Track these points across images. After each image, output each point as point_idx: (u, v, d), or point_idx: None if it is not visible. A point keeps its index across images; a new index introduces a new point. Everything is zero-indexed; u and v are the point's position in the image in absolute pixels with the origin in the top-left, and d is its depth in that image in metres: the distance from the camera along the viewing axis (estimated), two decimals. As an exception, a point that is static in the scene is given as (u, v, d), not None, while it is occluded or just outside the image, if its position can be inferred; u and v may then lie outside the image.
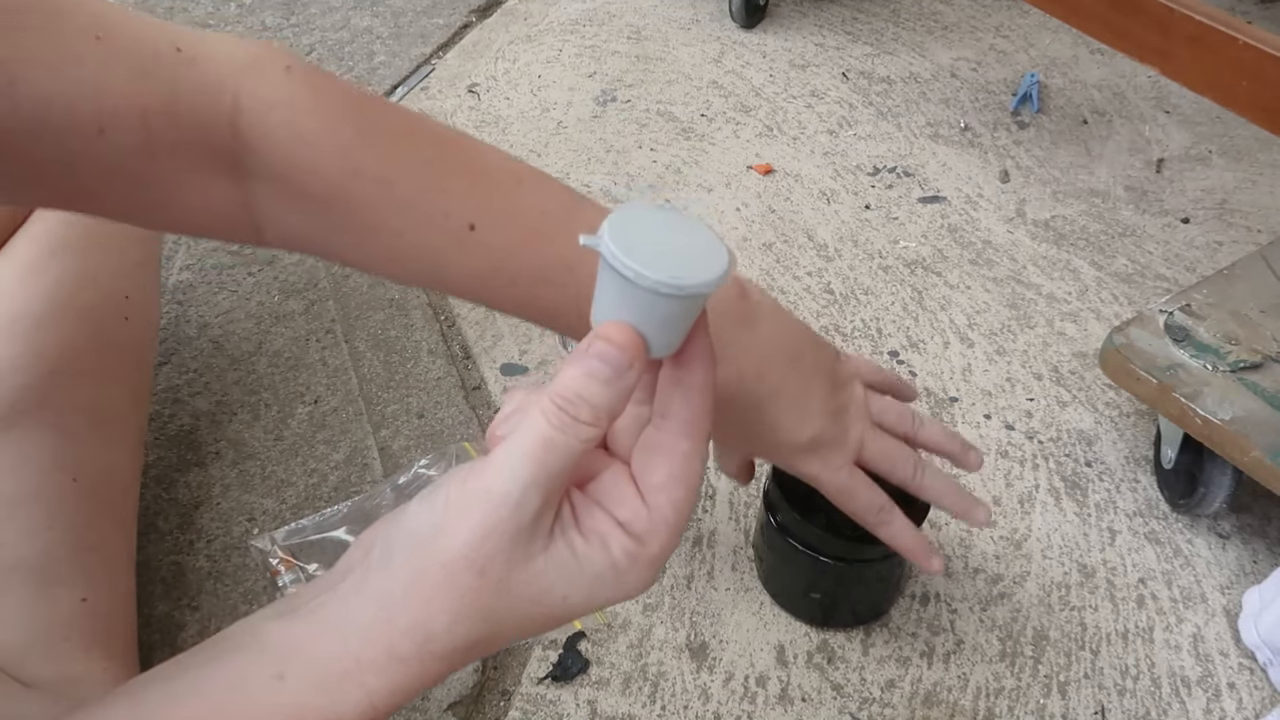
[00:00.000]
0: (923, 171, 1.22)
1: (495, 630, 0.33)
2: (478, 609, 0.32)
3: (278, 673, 0.32)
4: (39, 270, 0.65)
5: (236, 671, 0.32)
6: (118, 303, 0.69)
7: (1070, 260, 1.09)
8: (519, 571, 0.32)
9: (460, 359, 0.97)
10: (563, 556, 0.33)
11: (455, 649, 0.33)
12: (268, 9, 1.52)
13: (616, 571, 0.34)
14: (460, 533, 0.32)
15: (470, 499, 0.32)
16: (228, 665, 0.32)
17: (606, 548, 0.33)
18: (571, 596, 0.34)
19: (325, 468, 0.84)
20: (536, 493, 0.31)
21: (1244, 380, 0.75)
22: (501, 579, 0.32)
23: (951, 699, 0.71)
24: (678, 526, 0.34)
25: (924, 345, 0.98)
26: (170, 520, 0.81)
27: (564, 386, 0.32)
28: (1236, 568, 0.79)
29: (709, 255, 0.33)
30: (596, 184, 1.19)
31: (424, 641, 0.32)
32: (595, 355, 0.32)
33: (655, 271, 0.31)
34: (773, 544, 0.72)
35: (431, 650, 0.32)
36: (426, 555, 0.32)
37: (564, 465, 0.32)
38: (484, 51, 1.44)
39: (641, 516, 0.34)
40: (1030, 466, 0.87)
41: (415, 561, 0.32)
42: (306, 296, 1.02)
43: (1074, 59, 1.42)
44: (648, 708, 0.70)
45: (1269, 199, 1.17)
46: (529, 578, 0.33)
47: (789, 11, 1.54)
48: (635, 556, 0.34)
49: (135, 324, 0.71)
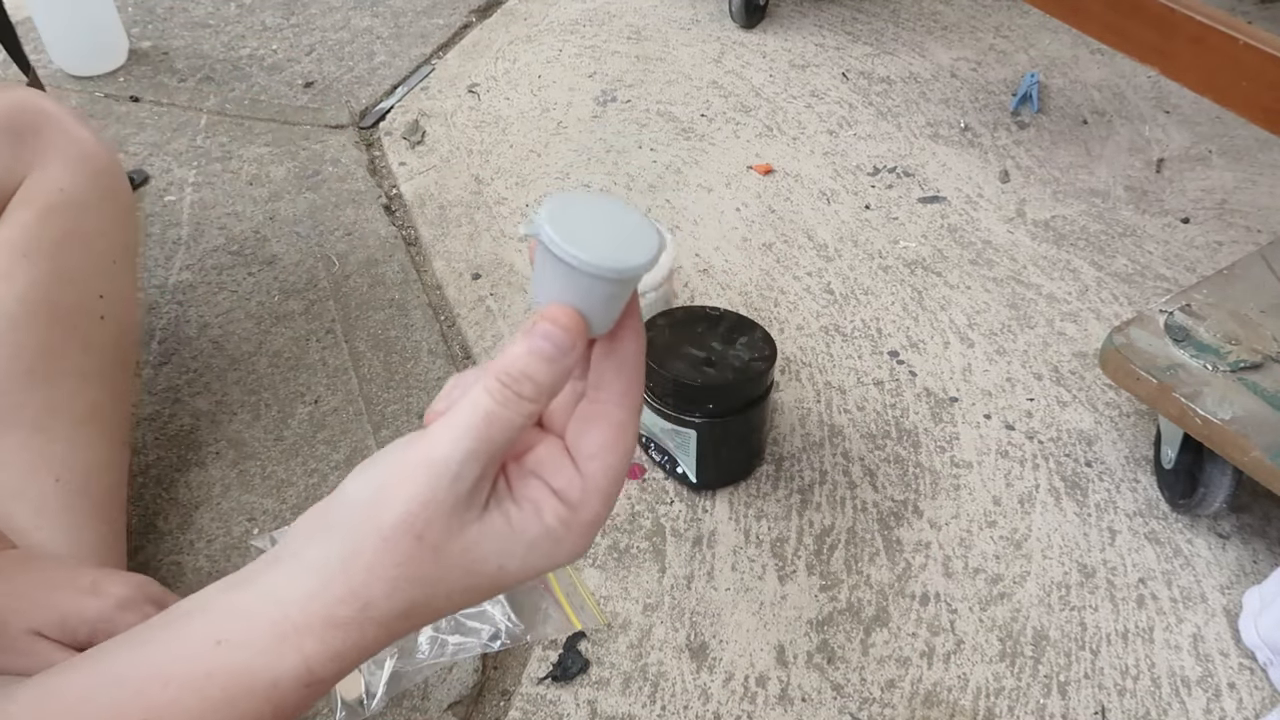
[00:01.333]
0: (923, 171, 1.22)
1: (432, 597, 0.34)
2: (415, 576, 0.33)
3: (218, 638, 0.33)
4: (10, 274, 0.65)
5: (180, 637, 0.33)
6: (92, 302, 0.70)
7: (1070, 260, 1.09)
8: (455, 539, 0.33)
9: (460, 359, 0.97)
10: (498, 525, 0.34)
11: (393, 615, 0.33)
12: (268, 9, 1.52)
13: (551, 538, 0.35)
14: (398, 501, 0.32)
15: (409, 469, 0.32)
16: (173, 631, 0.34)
17: (540, 515, 0.34)
18: (508, 564, 0.34)
19: (325, 468, 0.84)
20: (475, 464, 0.32)
21: (1244, 380, 0.75)
22: (439, 546, 0.33)
23: (951, 699, 0.71)
24: (610, 493, 0.36)
25: (924, 345, 0.98)
26: (170, 520, 0.81)
27: (509, 364, 0.33)
28: (1236, 568, 0.79)
29: (641, 235, 0.34)
30: (597, 184, 1.19)
31: (362, 608, 0.33)
32: (540, 335, 0.33)
33: (594, 256, 0.32)
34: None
35: (370, 616, 0.33)
36: (364, 524, 0.33)
37: (504, 439, 0.33)
38: (484, 51, 1.44)
39: (575, 484, 0.35)
40: (1030, 466, 0.87)
41: (353, 531, 0.33)
42: (306, 296, 1.02)
43: (1074, 59, 1.42)
44: (648, 708, 0.70)
45: (1269, 199, 1.17)
46: (465, 546, 0.33)
47: (789, 11, 1.54)
48: (569, 523, 0.35)
49: (111, 322, 0.71)
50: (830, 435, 0.89)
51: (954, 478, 0.86)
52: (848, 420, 0.91)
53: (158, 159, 1.19)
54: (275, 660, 0.32)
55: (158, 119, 1.26)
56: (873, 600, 0.77)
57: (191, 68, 1.37)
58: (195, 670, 0.33)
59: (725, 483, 0.84)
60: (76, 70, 1.34)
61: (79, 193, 0.70)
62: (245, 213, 1.13)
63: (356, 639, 0.33)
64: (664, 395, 0.79)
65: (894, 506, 0.83)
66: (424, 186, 1.18)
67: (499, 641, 0.70)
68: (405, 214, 1.15)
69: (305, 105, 1.31)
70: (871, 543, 0.81)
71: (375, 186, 1.17)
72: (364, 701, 0.67)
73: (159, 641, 0.34)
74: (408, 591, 0.33)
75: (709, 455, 0.81)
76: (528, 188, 1.18)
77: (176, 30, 1.46)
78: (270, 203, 1.14)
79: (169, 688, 0.32)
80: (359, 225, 1.11)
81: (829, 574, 0.78)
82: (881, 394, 0.93)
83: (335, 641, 0.33)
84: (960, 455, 0.88)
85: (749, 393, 0.79)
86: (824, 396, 0.93)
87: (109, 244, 0.72)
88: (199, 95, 1.31)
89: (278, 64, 1.40)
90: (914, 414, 0.91)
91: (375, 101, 1.33)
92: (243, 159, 1.20)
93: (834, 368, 0.96)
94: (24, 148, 0.69)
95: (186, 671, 0.33)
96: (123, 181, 0.76)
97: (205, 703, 0.32)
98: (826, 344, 0.98)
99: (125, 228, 0.75)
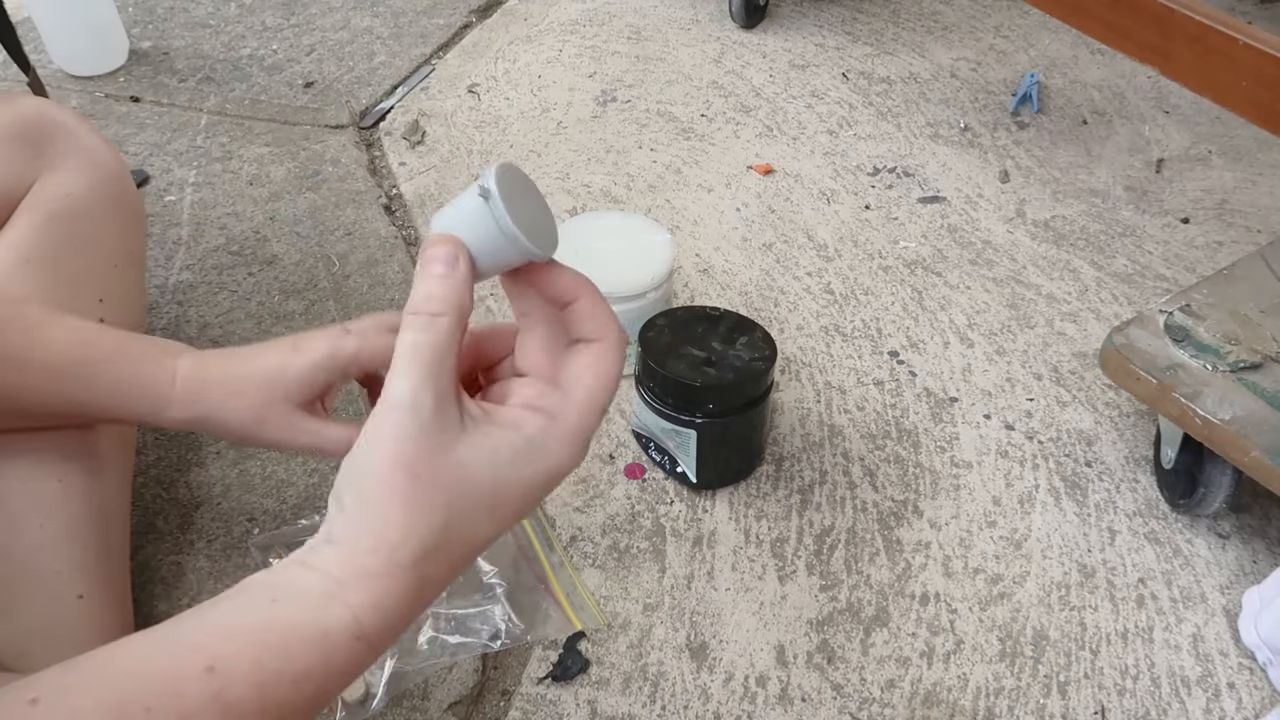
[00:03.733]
0: (923, 171, 1.22)
1: (449, 524, 0.37)
2: (422, 507, 0.36)
3: (273, 597, 0.36)
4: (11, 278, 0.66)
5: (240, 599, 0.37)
6: (91, 305, 0.70)
7: (1070, 260, 1.09)
8: (444, 464, 0.36)
9: (460, 359, 0.97)
10: (480, 442, 0.37)
11: (420, 554, 0.36)
12: (268, 9, 1.52)
13: (533, 446, 0.38)
14: (380, 448, 0.36)
15: (377, 417, 0.36)
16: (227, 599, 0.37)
17: (520, 428, 0.38)
18: (501, 477, 0.38)
19: (325, 468, 0.84)
20: (426, 390, 0.36)
21: (1244, 380, 0.75)
22: (432, 474, 0.36)
23: (951, 699, 0.71)
24: (590, 406, 0.40)
25: (924, 345, 0.98)
26: (170, 520, 0.81)
27: (414, 296, 0.38)
28: (1236, 568, 0.79)
29: (550, 228, 0.41)
30: (597, 184, 1.19)
31: (389, 553, 0.36)
32: (428, 260, 0.38)
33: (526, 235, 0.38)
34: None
35: (398, 562, 0.36)
36: (364, 481, 0.36)
37: (439, 359, 0.37)
38: (484, 51, 1.44)
39: (554, 399, 0.40)
40: (1030, 466, 0.87)
41: (358, 490, 0.36)
42: (306, 296, 1.02)
43: (1074, 59, 1.42)
44: (648, 708, 0.70)
45: (1269, 199, 1.17)
46: (455, 467, 0.37)
47: (789, 11, 1.54)
48: (549, 431, 0.39)
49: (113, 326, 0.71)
50: (830, 435, 0.89)
51: (954, 478, 0.86)
52: (848, 420, 0.91)
53: (158, 159, 1.19)
54: (323, 613, 0.35)
55: (158, 119, 1.26)
56: (873, 600, 0.77)
57: (192, 68, 1.37)
58: (254, 624, 0.35)
59: (725, 483, 0.84)
60: (76, 70, 1.34)
61: (84, 198, 0.72)
62: (245, 213, 1.13)
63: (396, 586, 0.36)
64: (664, 395, 0.79)
65: (894, 506, 0.83)
66: (424, 186, 1.18)
67: (499, 641, 0.70)
68: (405, 214, 1.15)
69: (305, 105, 1.31)
70: (871, 543, 0.81)
71: (375, 186, 1.17)
72: (365, 702, 0.67)
73: (220, 605, 0.36)
74: (422, 522, 0.36)
75: (709, 455, 0.81)
76: (528, 188, 1.18)
77: (176, 30, 1.46)
78: (270, 203, 1.14)
79: (229, 641, 0.35)
80: (359, 225, 1.11)
81: (829, 574, 0.78)
82: (881, 394, 0.93)
83: (375, 592, 0.36)
84: (960, 455, 0.88)
85: (749, 393, 0.79)
86: (824, 396, 0.93)
87: (111, 249, 0.73)
88: (199, 95, 1.31)
89: (278, 64, 1.40)
90: (914, 414, 0.91)
91: (375, 101, 1.33)
92: (243, 159, 1.20)
93: (834, 368, 0.96)
94: (37, 157, 0.70)
95: (246, 625, 0.35)
96: (130, 188, 0.77)
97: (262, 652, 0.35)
98: (826, 344, 0.98)
99: (131, 233, 0.77)
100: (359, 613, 0.36)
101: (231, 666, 0.34)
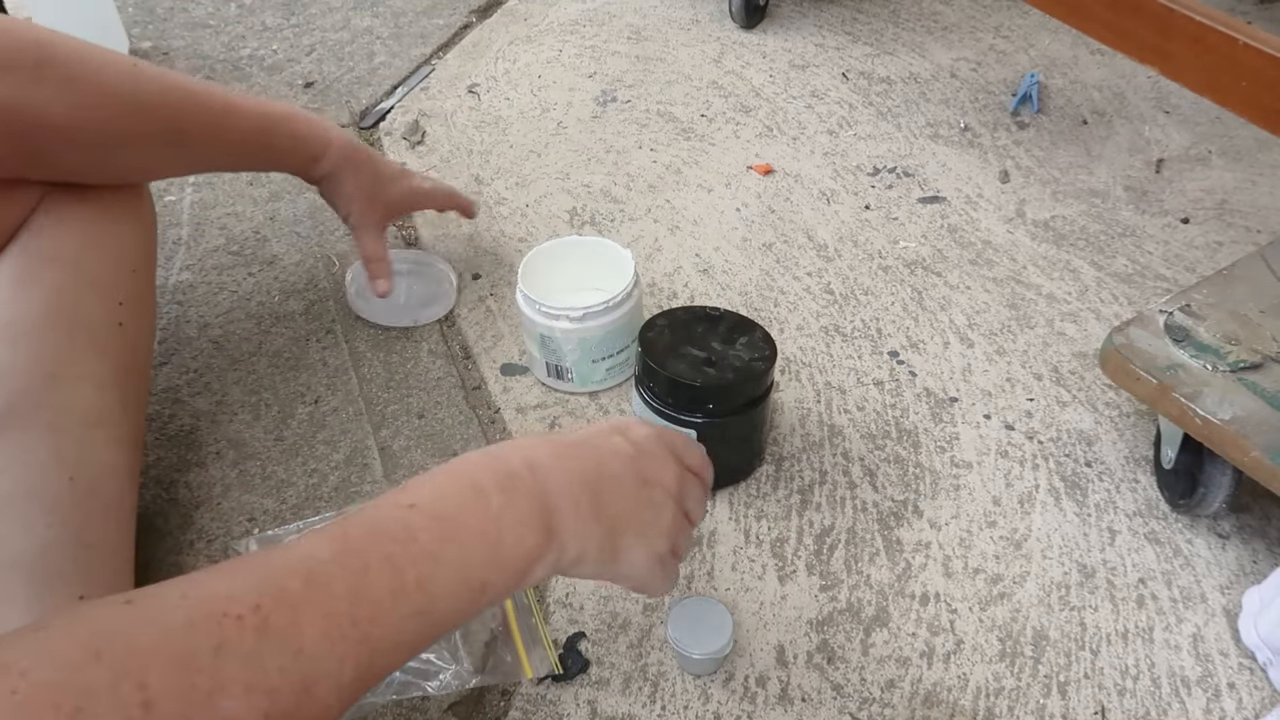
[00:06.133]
0: (923, 172, 1.22)
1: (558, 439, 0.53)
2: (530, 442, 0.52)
3: (410, 502, 0.46)
4: (34, 279, 0.67)
5: (381, 502, 0.46)
6: (111, 309, 0.71)
7: (1070, 260, 1.09)
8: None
9: (460, 359, 0.97)
10: None
11: (545, 460, 0.50)
12: (268, 9, 1.52)
13: None
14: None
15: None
16: (374, 501, 0.46)
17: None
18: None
19: (325, 468, 0.84)
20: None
21: (1244, 380, 0.75)
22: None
23: (951, 699, 0.71)
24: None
25: (924, 345, 0.98)
26: (170, 520, 0.81)
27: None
28: (1236, 568, 0.79)
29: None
30: (597, 184, 1.19)
31: (530, 468, 0.50)
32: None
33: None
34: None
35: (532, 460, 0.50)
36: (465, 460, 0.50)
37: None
38: (484, 52, 1.44)
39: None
40: (1030, 466, 0.87)
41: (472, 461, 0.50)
42: (306, 296, 1.02)
43: (1074, 59, 1.42)
44: (648, 708, 0.70)
45: (1269, 199, 1.17)
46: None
47: (789, 11, 1.54)
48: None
49: (130, 329, 0.73)
50: (830, 435, 0.89)
51: (954, 478, 0.86)
52: (848, 420, 0.91)
53: (158, 159, 1.19)
54: (461, 511, 0.46)
55: (158, 119, 1.26)
56: (873, 600, 0.77)
57: (192, 68, 1.37)
58: (394, 515, 0.45)
59: (725, 483, 0.84)
60: (76, 70, 1.34)
61: (103, 201, 0.73)
62: (245, 213, 1.13)
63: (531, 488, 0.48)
64: (664, 395, 0.79)
65: (894, 506, 0.83)
66: (424, 186, 1.18)
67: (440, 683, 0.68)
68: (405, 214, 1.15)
69: (305, 105, 1.31)
70: (871, 543, 0.81)
71: (375, 186, 1.17)
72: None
73: (359, 513, 0.44)
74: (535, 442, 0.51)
75: (709, 455, 0.81)
76: (528, 188, 1.18)
77: (176, 30, 1.46)
78: (270, 203, 1.14)
79: (362, 524, 0.43)
80: (359, 225, 1.11)
81: (829, 574, 0.78)
82: (881, 394, 0.93)
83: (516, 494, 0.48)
84: (960, 455, 0.88)
85: (749, 393, 0.79)
86: (824, 396, 0.93)
87: (131, 251, 0.75)
88: (199, 95, 1.31)
89: (278, 64, 1.40)
90: (914, 414, 0.91)
91: (375, 102, 1.33)
92: (243, 159, 1.20)
93: (834, 368, 0.96)
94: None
95: (385, 516, 0.44)
96: (145, 190, 0.79)
97: (406, 531, 0.43)
98: (826, 344, 0.98)
99: (147, 236, 0.78)
100: (501, 520, 0.47)
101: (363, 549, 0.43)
